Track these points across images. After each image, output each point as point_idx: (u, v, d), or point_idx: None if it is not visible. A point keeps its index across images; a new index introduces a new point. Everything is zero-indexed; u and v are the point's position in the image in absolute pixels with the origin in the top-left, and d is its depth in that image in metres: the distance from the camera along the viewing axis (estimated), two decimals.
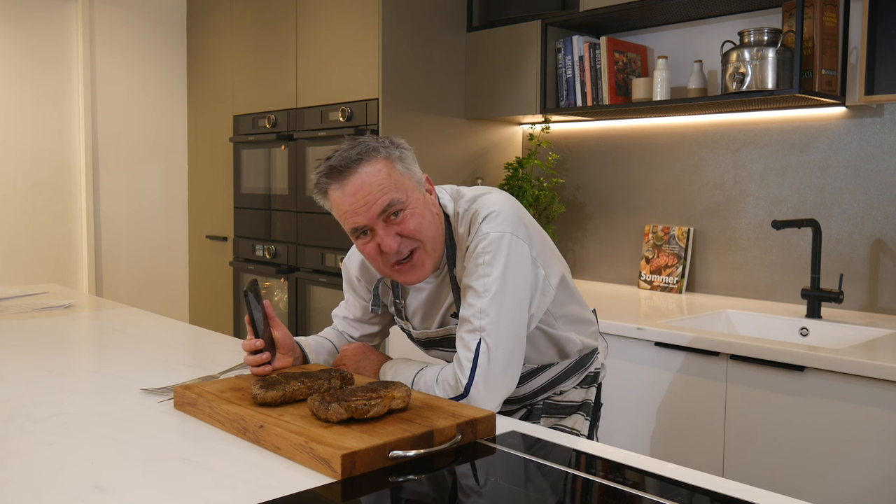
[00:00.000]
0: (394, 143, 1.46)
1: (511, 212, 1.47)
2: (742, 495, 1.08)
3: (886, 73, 2.44)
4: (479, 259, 1.42)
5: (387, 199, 1.40)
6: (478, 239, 1.43)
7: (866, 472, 1.91)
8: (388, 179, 1.41)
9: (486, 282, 1.40)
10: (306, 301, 3.61)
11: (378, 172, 1.40)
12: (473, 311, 1.41)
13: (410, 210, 1.42)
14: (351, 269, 1.72)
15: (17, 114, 4.07)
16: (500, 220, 1.44)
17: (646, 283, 3.10)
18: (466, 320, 1.42)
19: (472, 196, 1.53)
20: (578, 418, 1.68)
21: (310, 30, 3.54)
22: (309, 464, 1.14)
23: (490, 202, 1.47)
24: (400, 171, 1.43)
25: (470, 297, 1.42)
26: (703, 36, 2.97)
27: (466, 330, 1.42)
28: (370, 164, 1.41)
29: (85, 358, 2.02)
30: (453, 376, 1.42)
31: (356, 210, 1.41)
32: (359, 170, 1.40)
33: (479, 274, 1.41)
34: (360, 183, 1.40)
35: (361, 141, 1.44)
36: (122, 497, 1.05)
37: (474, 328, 1.41)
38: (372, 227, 1.42)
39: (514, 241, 1.44)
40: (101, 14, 4.28)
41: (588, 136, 3.37)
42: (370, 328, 1.77)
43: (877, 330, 2.31)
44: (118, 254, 4.41)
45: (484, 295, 1.40)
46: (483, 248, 1.42)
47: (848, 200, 2.62)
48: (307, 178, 3.58)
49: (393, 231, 1.42)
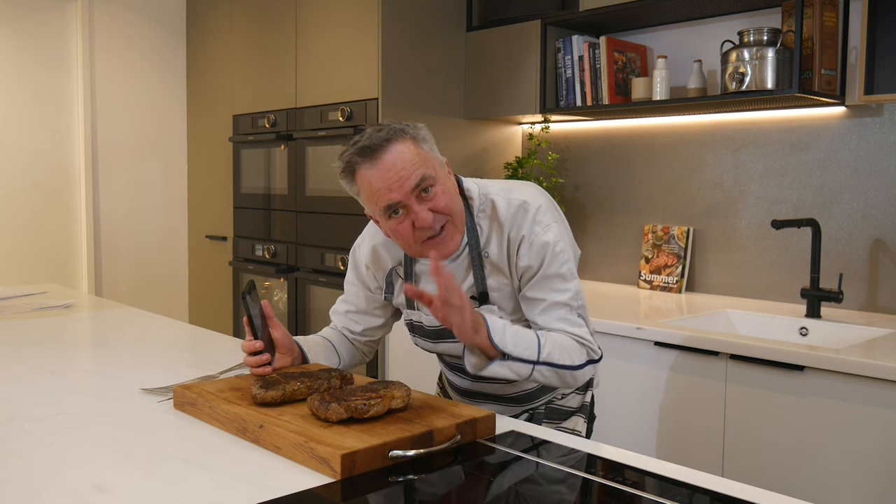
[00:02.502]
0: (416, 127, 1.52)
1: (551, 201, 1.59)
2: (742, 495, 1.08)
3: (886, 73, 2.44)
4: (557, 248, 1.52)
5: (419, 173, 1.45)
6: (542, 230, 1.52)
7: (866, 471, 1.91)
8: (418, 156, 1.46)
9: (570, 267, 1.54)
10: (306, 301, 3.61)
11: (408, 150, 1.46)
12: (569, 295, 1.53)
13: (441, 186, 1.49)
14: (361, 257, 1.72)
15: (17, 114, 4.07)
16: (552, 212, 1.56)
17: (645, 283, 3.10)
18: (563, 304, 1.53)
19: (504, 187, 1.60)
20: (578, 420, 1.73)
21: (309, 30, 3.54)
22: (309, 464, 1.14)
23: (532, 194, 1.57)
24: (425, 149, 1.49)
25: (557, 283, 1.53)
26: (702, 36, 2.97)
27: (567, 311, 1.53)
28: (400, 143, 1.46)
29: (85, 358, 2.02)
30: (580, 347, 1.52)
31: (390, 186, 1.45)
32: (390, 147, 1.45)
33: (562, 261, 1.53)
34: (394, 160, 1.45)
35: (386, 125, 1.50)
36: (122, 497, 1.05)
37: (574, 308, 1.54)
38: (406, 202, 1.46)
39: (564, 229, 1.57)
40: (100, 14, 4.28)
41: (588, 135, 3.37)
42: (374, 321, 1.76)
43: (876, 330, 2.31)
44: (118, 254, 4.41)
45: (572, 279, 1.54)
46: (556, 238, 1.52)
47: (847, 200, 2.62)
48: (307, 177, 3.58)
49: (426, 206, 1.47)
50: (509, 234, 1.53)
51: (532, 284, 1.53)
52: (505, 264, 1.55)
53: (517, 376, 1.45)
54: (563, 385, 1.53)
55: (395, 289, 1.69)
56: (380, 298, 1.72)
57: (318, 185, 3.51)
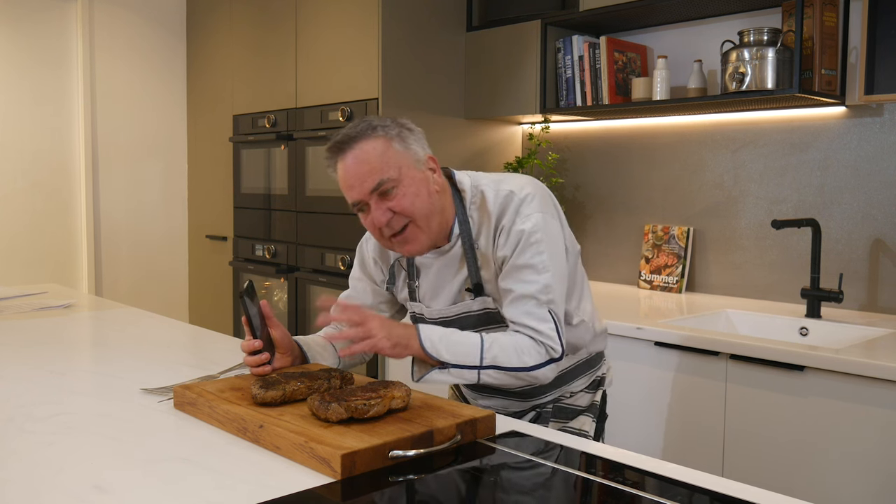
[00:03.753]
0: (396, 123, 1.52)
1: (544, 193, 1.56)
2: (742, 495, 1.08)
3: (886, 73, 2.44)
4: (532, 238, 1.49)
5: (378, 177, 1.47)
6: (521, 219, 1.50)
7: (866, 471, 1.91)
8: (382, 158, 1.47)
9: (543, 259, 1.49)
10: (306, 301, 3.61)
11: (373, 150, 1.47)
12: (538, 287, 1.48)
13: (403, 189, 1.48)
14: (368, 251, 1.73)
15: (17, 114, 4.07)
16: (539, 202, 1.52)
17: (645, 283, 3.10)
18: (530, 296, 1.48)
19: (496, 178, 1.59)
20: (586, 420, 1.72)
21: (309, 30, 3.54)
22: (309, 463, 1.14)
23: (521, 184, 1.55)
24: (397, 148, 1.49)
25: (527, 274, 1.49)
26: (702, 36, 2.97)
27: (535, 304, 1.49)
28: (367, 142, 1.48)
29: (85, 358, 2.02)
30: (536, 346, 1.48)
31: (351, 185, 1.49)
32: (355, 146, 1.48)
33: (535, 252, 1.49)
34: (354, 159, 1.48)
35: (365, 119, 1.51)
36: (122, 497, 1.05)
37: (542, 302, 1.49)
38: (366, 201, 1.49)
39: (551, 220, 1.53)
40: (100, 14, 4.28)
41: (588, 135, 3.37)
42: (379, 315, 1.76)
43: (876, 329, 2.31)
44: (118, 254, 4.41)
45: (544, 272, 1.49)
46: (533, 228, 1.49)
47: (848, 200, 2.62)
48: (307, 177, 3.58)
49: (385, 206, 1.48)
50: (495, 225, 1.54)
51: (504, 274, 1.53)
52: (491, 255, 1.55)
53: (465, 381, 1.48)
54: (525, 384, 1.52)
55: (397, 280, 1.71)
56: (385, 292, 1.73)
57: (319, 185, 3.51)
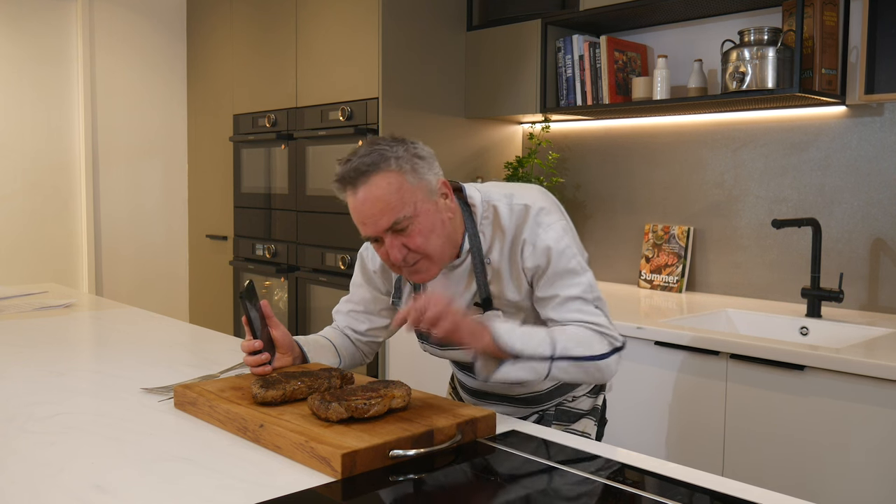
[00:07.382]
0: (410, 152, 1.45)
1: (556, 203, 1.59)
2: (742, 494, 1.08)
3: (886, 73, 2.44)
4: (561, 244, 1.51)
5: (392, 216, 1.41)
6: (544, 229, 1.51)
7: (866, 471, 1.91)
8: (397, 195, 1.41)
9: (579, 261, 1.52)
10: (306, 301, 3.61)
11: (388, 186, 1.41)
12: (581, 288, 1.51)
13: (418, 225, 1.43)
14: (369, 262, 1.71)
15: (17, 113, 4.07)
16: (556, 212, 1.55)
17: (646, 283, 3.10)
18: (577, 297, 1.50)
19: (506, 192, 1.58)
20: (588, 422, 1.73)
21: (310, 29, 3.54)
22: (309, 463, 1.14)
23: (533, 196, 1.56)
24: (411, 183, 1.43)
25: (568, 278, 1.51)
26: (703, 35, 2.96)
27: (582, 303, 1.51)
28: (380, 177, 1.41)
29: (85, 358, 2.02)
30: (600, 337, 1.48)
31: (363, 221, 1.44)
32: (368, 181, 1.41)
33: (569, 256, 1.51)
34: (367, 196, 1.41)
35: (377, 148, 1.43)
36: (122, 497, 1.05)
37: (589, 300, 1.51)
38: (380, 236, 1.45)
39: (570, 228, 1.57)
40: (100, 13, 4.28)
41: (588, 135, 3.37)
42: (380, 321, 1.75)
43: (877, 329, 2.31)
44: (118, 253, 4.41)
45: (583, 273, 1.52)
46: (559, 236, 1.51)
47: (848, 199, 2.62)
48: (307, 177, 3.58)
49: (399, 243, 1.44)
50: (513, 239, 1.52)
51: (543, 283, 1.52)
52: (507, 270, 1.53)
53: (536, 375, 1.41)
54: (591, 380, 1.50)
55: (403, 295, 1.69)
56: (388, 301, 1.72)
57: (319, 184, 3.51)
